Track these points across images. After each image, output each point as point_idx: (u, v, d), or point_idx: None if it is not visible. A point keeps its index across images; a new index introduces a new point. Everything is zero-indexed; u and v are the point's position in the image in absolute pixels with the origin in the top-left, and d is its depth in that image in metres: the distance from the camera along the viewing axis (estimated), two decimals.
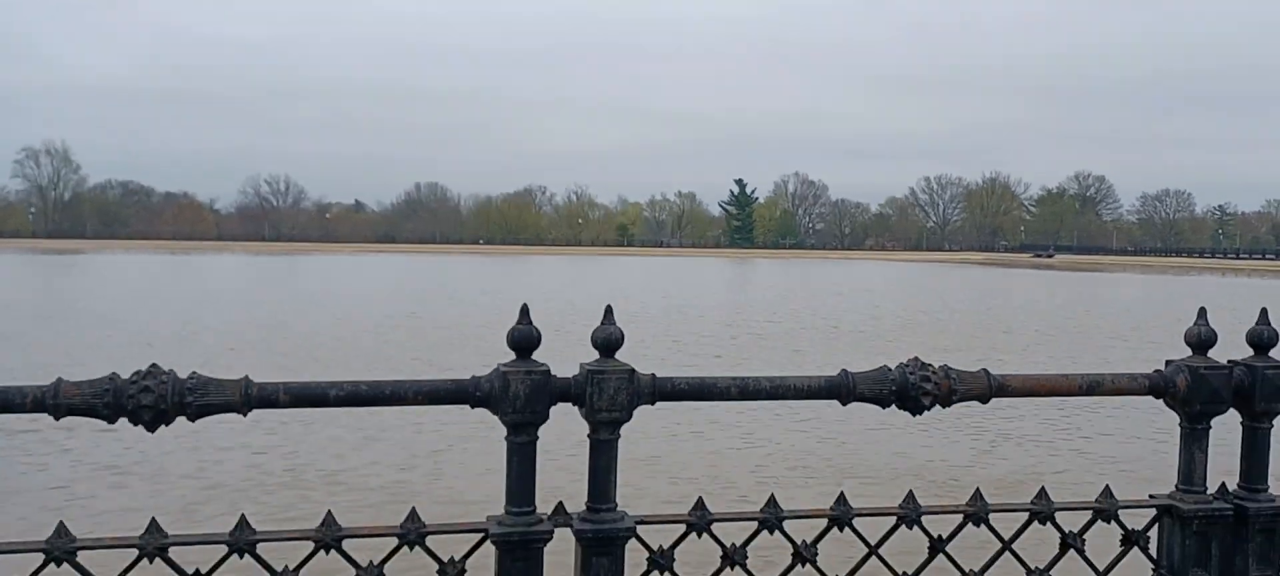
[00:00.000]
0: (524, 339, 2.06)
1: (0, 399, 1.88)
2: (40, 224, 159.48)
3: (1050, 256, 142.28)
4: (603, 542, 2.06)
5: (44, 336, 26.48)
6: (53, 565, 1.91)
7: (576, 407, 2.09)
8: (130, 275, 62.24)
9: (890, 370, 2.20)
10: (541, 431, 2.09)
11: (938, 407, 2.20)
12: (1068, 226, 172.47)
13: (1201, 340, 2.39)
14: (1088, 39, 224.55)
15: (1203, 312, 2.41)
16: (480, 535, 2.08)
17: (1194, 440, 2.39)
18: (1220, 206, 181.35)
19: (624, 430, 2.12)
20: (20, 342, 24.90)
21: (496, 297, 43.81)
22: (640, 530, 2.12)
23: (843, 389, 2.17)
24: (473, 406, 2.04)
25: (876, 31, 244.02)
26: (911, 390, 2.17)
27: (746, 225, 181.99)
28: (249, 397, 1.96)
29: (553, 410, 2.09)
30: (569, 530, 2.09)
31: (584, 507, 2.11)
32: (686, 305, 42.10)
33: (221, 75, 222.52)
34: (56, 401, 1.87)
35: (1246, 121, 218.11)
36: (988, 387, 2.23)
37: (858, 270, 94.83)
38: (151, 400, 1.90)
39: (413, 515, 2.07)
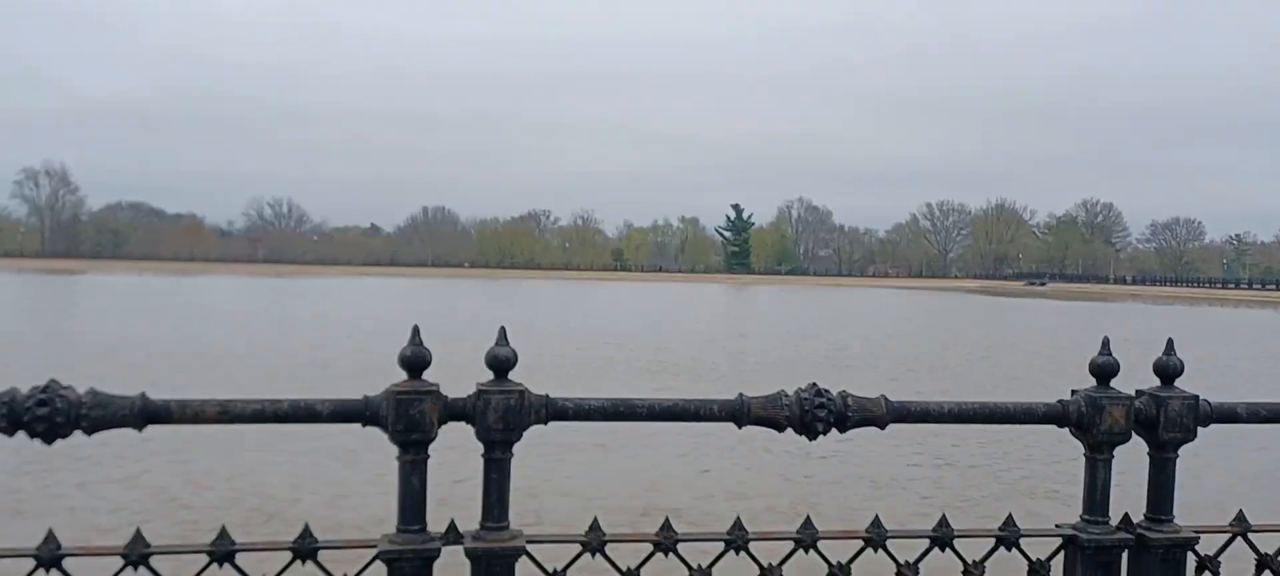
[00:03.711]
0: (415, 359, 2.08)
1: None
2: (33, 244, 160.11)
3: (1042, 284, 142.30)
4: (493, 561, 2.07)
5: None
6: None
7: (470, 426, 2.10)
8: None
9: (787, 394, 2.21)
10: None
11: (834, 432, 2.21)
12: (1073, 254, 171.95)
13: (1103, 370, 2.40)
14: (1092, 63, 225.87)
15: (1106, 343, 2.42)
16: (371, 552, 2.09)
17: (1095, 469, 2.40)
18: (1238, 235, 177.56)
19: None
20: None
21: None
22: (533, 549, 2.13)
23: (739, 412, 2.18)
24: (364, 425, 2.06)
25: (872, 55, 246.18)
26: (806, 415, 2.18)
27: (743, 250, 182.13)
28: (144, 413, 1.98)
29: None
30: (460, 549, 2.10)
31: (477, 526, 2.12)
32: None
33: (232, 99, 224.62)
34: None
35: (1262, 150, 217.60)
36: (885, 413, 2.24)
37: (835, 297, 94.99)
38: (47, 414, 1.92)
39: (306, 531, 2.09)
